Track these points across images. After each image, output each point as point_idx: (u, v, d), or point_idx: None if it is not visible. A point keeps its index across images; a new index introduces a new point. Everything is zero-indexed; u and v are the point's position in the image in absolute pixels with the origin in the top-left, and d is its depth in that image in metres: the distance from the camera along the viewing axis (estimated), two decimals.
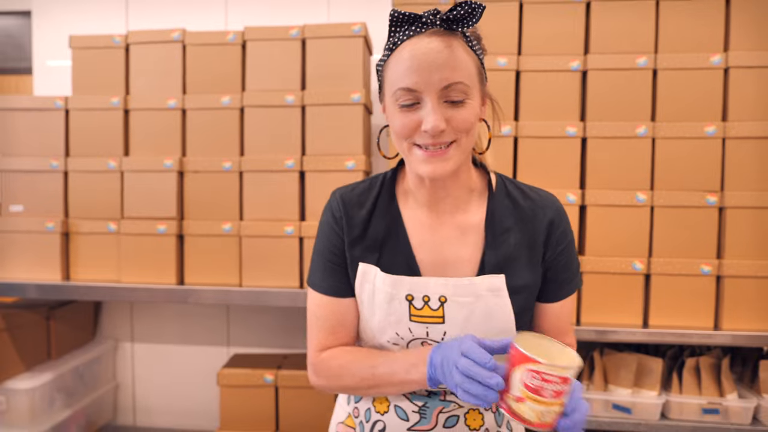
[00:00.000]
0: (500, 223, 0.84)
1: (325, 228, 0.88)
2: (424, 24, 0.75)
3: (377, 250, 0.84)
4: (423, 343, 0.83)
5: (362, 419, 0.90)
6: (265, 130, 1.74)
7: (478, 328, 0.81)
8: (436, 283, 0.81)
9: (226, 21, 2.16)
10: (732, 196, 1.58)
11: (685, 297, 1.61)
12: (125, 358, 2.31)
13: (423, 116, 0.74)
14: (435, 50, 0.73)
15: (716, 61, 1.59)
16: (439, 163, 0.76)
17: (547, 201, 0.86)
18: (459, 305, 0.80)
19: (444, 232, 0.85)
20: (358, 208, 0.86)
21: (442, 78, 0.73)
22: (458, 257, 0.84)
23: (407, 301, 0.81)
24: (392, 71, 0.76)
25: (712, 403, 1.63)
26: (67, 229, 1.81)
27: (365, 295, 0.84)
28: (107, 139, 1.81)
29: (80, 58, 1.83)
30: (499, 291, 0.80)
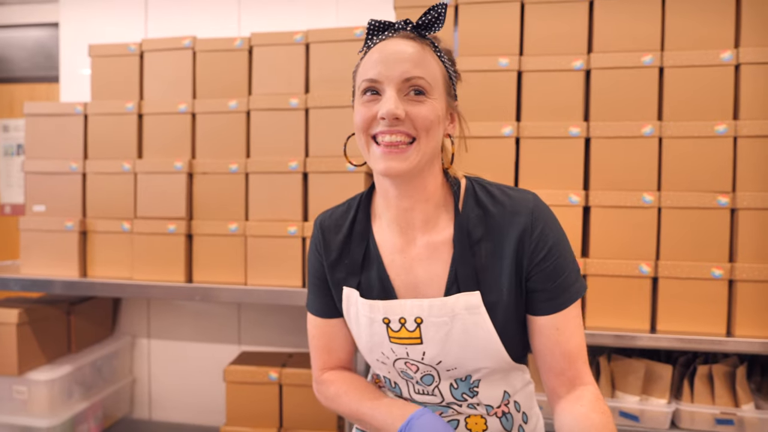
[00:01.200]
0: (469, 236, 0.80)
1: (310, 255, 0.92)
2: (396, 30, 0.78)
3: (358, 275, 0.85)
4: (406, 363, 0.83)
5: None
6: (270, 132, 1.79)
7: (458, 348, 0.79)
8: (411, 305, 0.80)
9: (239, 26, 2.22)
10: (744, 196, 1.52)
11: (695, 301, 1.55)
12: (142, 354, 2.39)
13: (381, 105, 0.75)
14: (401, 48, 0.76)
15: (727, 58, 1.54)
16: (397, 160, 0.75)
17: (519, 205, 0.80)
18: (435, 326, 0.79)
19: (414, 252, 0.83)
20: (335, 233, 0.88)
21: (403, 71, 0.74)
22: (429, 277, 0.82)
23: (384, 324, 0.82)
24: (361, 68, 0.79)
25: (726, 413, 1.56)
26: (84, 228, 1.90)
27: (351, 317, 0.86)
28: (122, 142, 1.89)
29: (99, 65, 1.92)
30: (475, 308, 0.78)
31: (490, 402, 0.84)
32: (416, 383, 0.85)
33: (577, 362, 0.79)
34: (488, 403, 0.84)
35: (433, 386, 0.84)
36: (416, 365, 0.83)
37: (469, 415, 0.84)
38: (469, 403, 0.84)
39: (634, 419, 1.61)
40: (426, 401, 0.85)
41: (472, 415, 0.84)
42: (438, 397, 0.84)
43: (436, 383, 0.84)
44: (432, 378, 0.84)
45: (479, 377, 0.82)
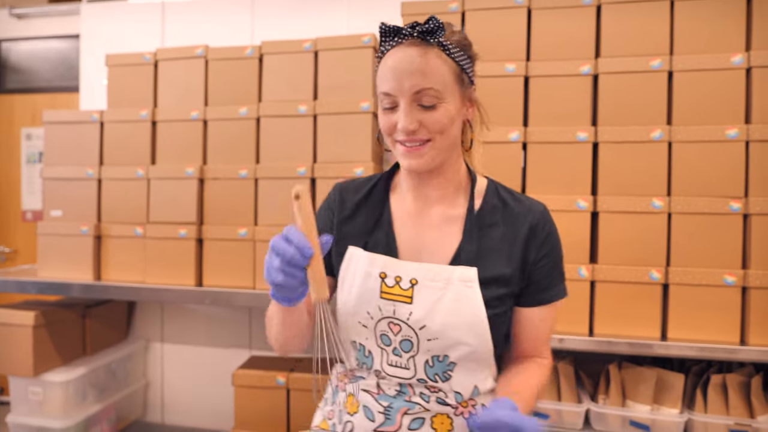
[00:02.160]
0: (485, 218, 0.89)
1: (319, 211, 0.98)
2: (404, 35, 0.83)
3: (366, 236, 0.91)
4: (389, 323, 0.86)
5: (336, 421, 0.92)
6: (280, 138, 1.82)
7: (444, 315, 0.83)
8: (410, 266, 0.86)
9: (252, 34, 2.27)
10: (757, 202, 1.49)
11: (707, 309, 1.52)
12: (155, 358, 2.43)
13: (398, 118, 0.84)
14: (408, 59, 0.82)
15: (737, 61, 1.52)
16: (415, 158, 0.85)
17: (535, 204, 0.92)
18: (429, 289, 0.84)
19: (427, 220, 0.91)
20: (353, 193, 0.95)
21: (412, 84, 0.82)
22: (436, 245, 0.89)
23: (380, 279, 0.86)
24: (378, 77, 0.87)
25: (741, 425, 1.52)
26: (99, 233, 1.94)
27: (348, 275, 0.89)
28: (136, 149, 1.94)
29: (115, 74, 1.98)
30: (470, 282, 0.84)
31: (461, 390, 0.86)
32: (393, 351, 0.86)
33: (543, 346, 0.94)
34: (458, 391, 0.86)
35: (410, 356, 0.85)
36: (399, 325, 0.85)
37: (435, 413, 0.85)
38: (438, 397, 0.85)
39: (645, 429, 1.58)
40: (398, 374, 0.86)
41: (439, 413, 0.85)
42: (411, 370, 0.85)
43: (413, 353, 0.85)
44: (411, 345, 0.85)
45: (456, 359, 0.84)
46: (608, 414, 1.61)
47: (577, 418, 1.63)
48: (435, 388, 0.86)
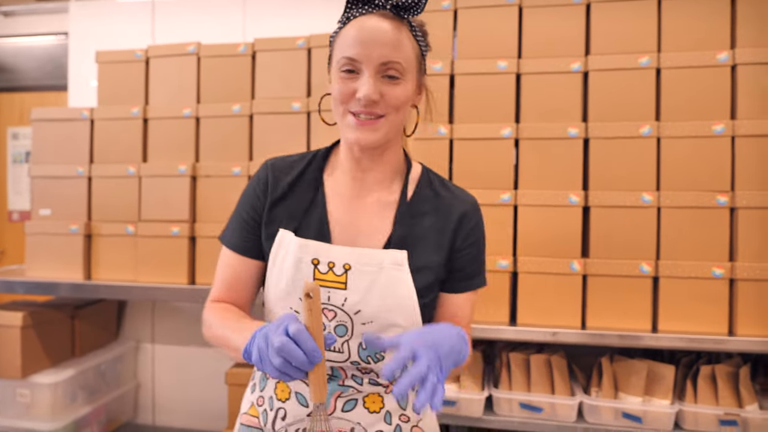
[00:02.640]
0: (416, 206, 0.89)
1: (248, 190, 0.93)
2: (376, 6, 0.82)
3: (298, 219, 0.88)
4: (324, 310, 0.85)
5: (266, 407, 0.91)
6: (273, 135, 1.82)
7: (378, 299, 0.83)
8: (342, 251, 0.85)
9: (244, 31, 2.26)
10: (743, 195, 1.53)
11: (696, 301, 1.55)
12: (146, 359, 2.40)
13: (359, 85, 0.80)
14: (381, 29, 0.81)
15: (723, 59, 1.56)
16: (368, 132, 0.82)
17: (465, 195, 0.92)
18: (362, 274, 0.84)
19: (361, 205, 0.90)
20: (285, 173, 0.91)
21: (381, 54, 0.80)
22: (370, 229, 0.88)
23: (313, 265, 0.84)
24: (340, 41, 0.83)
25: (730, 414, 1.55)
26: (89, 231, 1.92)
27: (278, 260, 0.86)
28: (127, 146, 1.92)
29: (105, 71, 1.96)
30: (401, 266, 0.84)
31: None
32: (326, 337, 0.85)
33: None
34: None
35: (344, 340, 0.85)
36: (334, 311, 0.84)
37: (367, 393, 0.87)
38: (371, 378, 0.87)
39: (637, 420, 1.60)
40: (332, 358, 0.85)
41: (371, 393, 0.87)
42: (345, 354, 0.85)
43: (347, 337, 0.85)
44: (345, 329, 0.85)
45: None
46: (601, 406, 1.63)
47: (571, 411, 1.64)
48: (367, 369, 0.87)
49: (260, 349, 0.70)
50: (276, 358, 0.67)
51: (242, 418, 0.96)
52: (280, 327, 0.69)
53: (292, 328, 0.67)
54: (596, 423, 1.62)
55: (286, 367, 0.67)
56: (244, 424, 0.95)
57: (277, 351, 0.66)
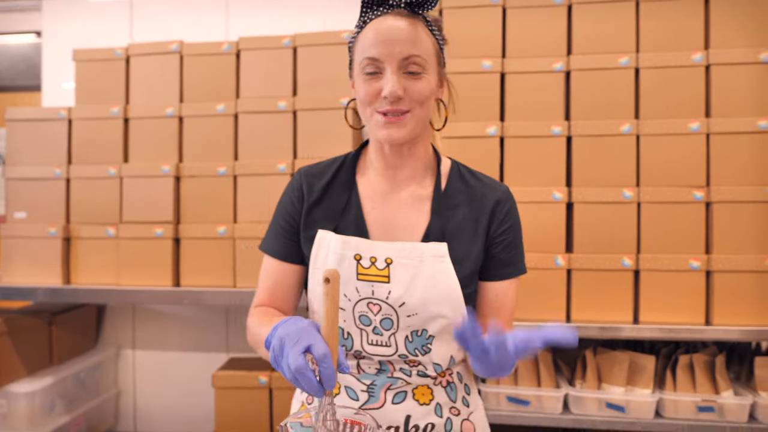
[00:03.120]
0: (450, 199, 0.91)
1: (283, 199, 0.96)
2: (390, 6, 0.85)
3: (336, 220, 0.90)
4: (368, 303, 0.86)
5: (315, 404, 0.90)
6: (259, 135, 1.80)
7: (422, 291, 0.85)
8: (383, 246, 0.87)
9: (227, 30, 2.24)
10: (718, 190, 1.59)
11: (675, 293, 1.61)
12: (127, 365, 2.34)
13: (383, 84, 0.83)
14: (398, 27, 0.83)
15: (698, 59, 1.62)
16: (395, 128, 0.84)
17: (498, 185, 0.95)
18: (404, 267, 0.85)
19: (396, 200, 0.92)
20: (319, 178, 0.94)
21: (402, 50, 0.82)
22: (407, 224, 0.90)
23: (355, 261, 0.86)
24: (360, 45, 0.86)
25: (707, 401, 1.61)
26: (68, 234, 1.87)
27: (319, 260, 0.89)
28: (107, 147, 1.88)
29: (83, 70, 1.92)
30: (442, 257, 0.86)
31: (440, 361, 0.89)
32: (373, 330, 0.87)
33: (505, 323, 0.93)
34: (437, 362, 0.88)
35: (390, 333, 0.86)
36: (379, 305, 0.86)
37: (416, 385, 0.88)
38: (419, 370, 0.88)
39: (620, 410, 1.65)
40: (380, 352, 0.87)
41: (420, 385, 0.88)
42: (393, 347, 0.86)
43: (393, 330, 0.86)
44: (391, 323, 0.86)
45: (434, 332, 0.87)
46: (585, 397, 1.67)
47: (557, 403, 1.68)
48: (415, 362, 0.88)
49: (275, 351, 0.70)
50: (288, 374, 0.68)
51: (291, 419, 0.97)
52: (299, 342, 0.68)
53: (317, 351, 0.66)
54: (581, 414, 1.67)
55: (296, 384, 0.68)
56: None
57: (293, 373, 0.66)
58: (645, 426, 1.61)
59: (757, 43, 1.61)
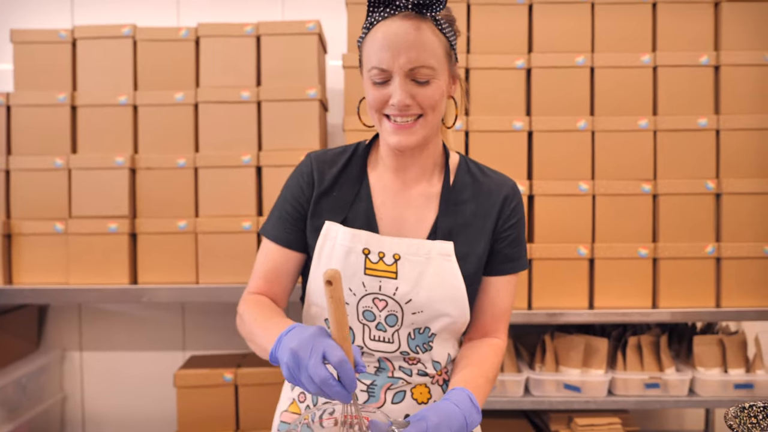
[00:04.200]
0: (458, 195, 0.91)
1: (291, 182, 0.93)
2: (397, 7, 0.81)
3: (345, 211, 0.89)
4: (374, 299, 0.86)
5: (309, 403, 0.91)
6: (221, 126, 1.74)
7: (428, 289, 0.85)
8: (391, 242, 0.87)
9: (178, 18, 2.14)
10: (664, 184, 1.72)
11: (625, 279, 1.73)
12: (73, 368, 2.21)
13: (391, 92, 0.82)
14: (404, 33, 0.80)
15: (646, 60, 1.73)
16: (405, 135, 0.84)
17: (505, 180, 0.95)
18: (411, 264, 0.86)
19: (406, 196, 0.91)
20: (330, 166, 0.92)
21: (408, 59, 0.80)
22: (417, 220, 0.90)
23: (363, 255, 0.86)
24: (367, 49, 0.84)
25: (653, 378, 1.74)
26: (9, 231, 1.73)
27: (325, 251, 0.87)
28: (53, 136, 1.75)
29: (23, 53, 1.77)
30: (448, 256, 0.87)
31: (439, 359, 0.90)
32: (376, 326, 0.87)
33: (501, 322, 0.95)
34: (437, 360, 0.90)
35: (393, 330, 0.87)
36: (385, 301, 0.86)
37: (415, 384, 0.89)
38: (419, 369, 0.89)
39: (576, 390, 1.76)
40: (381, 348, 0.87)
41: (418, 384, 0.89)
42: (395, 344, 0.87)
43: (397, 327, 0.87)
44: (395, 319, 0.87)
45: (436, 330, 0.88)
46: (545, 380, 1.76)
47: (518, 387, 1.76)
48: (414, 360, 0.89)
49: (290, 367, 0.69)
50: (312, 387, 0.67)
51: (282, 416, 0.95)
52: (314, 352, 0.67)
53: (333, 358, 0.67)
54: (541, 395, 1.76)
55: (321, 395, 0.67)
56: (286, 422, 0.94)
57: (319, 385, 0.66)
58: (599, 404, 1.73)
59: (698, 47, 1.74)
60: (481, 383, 0.84)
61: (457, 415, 0.74)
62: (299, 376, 0.68)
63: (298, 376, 0.68)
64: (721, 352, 1.78)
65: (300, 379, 0.68)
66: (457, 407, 0.75)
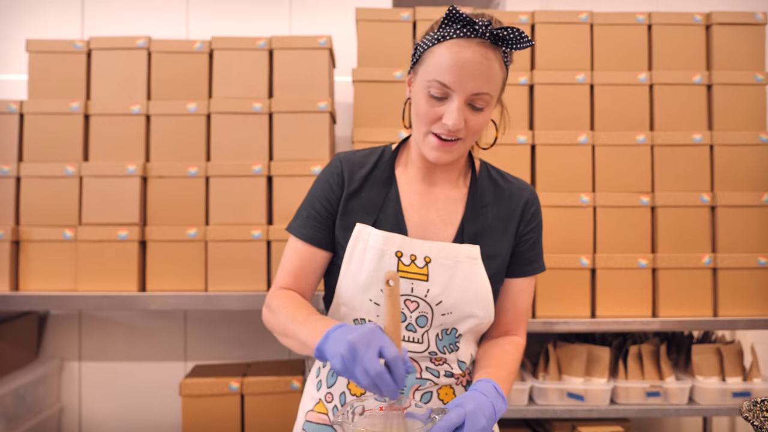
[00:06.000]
0: (481, 199, 0.95)
1: (321, 181, 0.95)
2: (475, 31, 0.82)
3: (375, 214, 0.92)
4: (406, 300, 0.89)
5: (336, 403, 0.93)
6: (232, 136, 1.77)
7: (459, 291, 0.89)
8: (422, 245, 0.90)
9: (187, 30, 2.19)
10: (662, 196, 1.78)
11: (626, 289, 1.77)
12: (72, 379, 2.19)
13: (446, 111, 0.84)
14: (477, 61, 0.82)
15: (642, 78, 1.81)
16: (445, 152, 0.87)
17: (524, 185, 1.00)
18: (442, 267, 0.89)
19: (431, 199, 0.95)
20: (359, 167, 0.95)
21: (475, 86, 0.82)
22: (443, 223, 0.93)
23: (396, 257, 0.88)
24: (434, 60, 0.84)
25: (654, 386, 1.78)
26: (17, 237, 1.73)
27: (356, 253, 0.90)
28: (65, 144, 1.77)
29: (37, 62, 1.79)
30: (475, 259, 0.90)
31: (464, 359, 0.94)
32: (407, 327, 0.90)
33: (521, 322, 0.99)
34: (463, 360, 0.93)
35: (423, 331, 0.90)
36: (417, 302, 0.89)
37: (441, 386, 0.92)
38: (445, 369, 0.92)
39: (579, 399, 1.78)
40: (411, 349, 0.90)
41: (444, 386, 0.92)
42: (425, 344, 0.90)
43: (426, 328, 0.90)
44: (426, 320, 0.90)
45: (463, 331, 0.91)
46: (548, 388, 1.79)
47: (523, 395, 1.78)
48: (440, 360, 0.91)
49: (345, 359, 0.71)
50: (365, 380, 0.69)
51: (308, 416, 0.96)
52: (371, 346, 0.70)
53: (389, 354, 0.70)
54: (545, 404, 1.78)
55: (372, 389, 0.70)
56: (312, 421, 0.95)
57: (373, 378, 0.69)
58: (602, 412, 1.76)
59: (692, 67, 1.83)
60: (504, 376, 0.87)
61: (486, 404, 0.77)
62: (354, 368, 0.70)
63: (353, 367, 0.70)
64: (719, 361, 1.82)
65: (354, 370, 0.70)
66: (485, 396, 0.79)
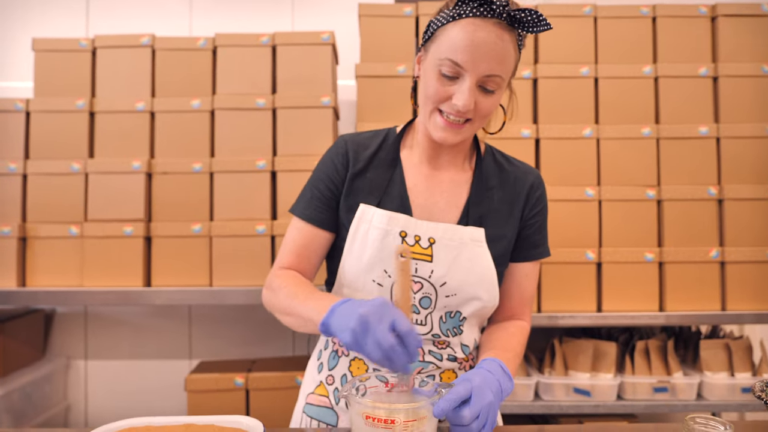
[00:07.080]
0: (486, 182, 0.95)
1: (326, 161, 0.95)
2: (492, 11, 0.79)
3: (379, 194, 0.91)
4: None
5: (338, 386, 0.92)
6: (236, 132, 1.78)
7: (463, 272, 0.88)
8: (427, 226, 0.89)
9: (191, 26, 2.20)
10: (668, 189, 1.77)
11: (632, 283, 1.76)
12: (78, 377, 2.20)
13: (457, 91, 0.82)
14: (492, 41, 0.79)
15: (647, 71, 1.80)
16: (452, 133, 0.86)
17: (530, 170, 1.00)
18: (446, 248, 0.88)
19: (436, 181, 0.94)
20: (364, 148, 0.95)
21: (488, 67, 0.81)
22: (448, 205, 0.93)
23: (400, 237, 0.88)
24: (448, 38, 0.82)
25: (662, 382, 1.76)
26: (24, 234, 1.74)
27: (360, 233, 0.89)
28: (71, 141, 1.78)
29: (43, 60, 1.81)
30: (480, 242, 0.90)
31: (468, 343, 0.93)
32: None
33: (526, 306, 0.99)
34: (466, 344, 0.93)
35: (427, 312, 0.89)
36: (421, 283, 0.88)
37: (444, 370, 0.91)
38: (448, 353, 0.91)
39: (586, 394, 1.77)
40: None
41: (446, 369, 0.91)
42: (428, 326, 0.89)
43: (430, 310, 0.89)
44: (429, 301, 0.89)
45: (467, 314, 0.91)
46: (554, 384, 1.77)
47: (528, 391, 1.77)
48: (444, 344, 0.91)
49: (356, 333, 0.69)
50: (377, 353, 0.68)
51: (309, 398, 0.96)
52: (383, 320, 0.69)
53: (402, 327, 0.69)
54: (551, 400, 1.77)
55: (383, 362, 0.69)
56: (312, 404, 0.95)
57: (386, 351, 0.67)
58: (608, 408, 1.74)
59: (697, 59, 1.82)
60: (510, 357, 0.87)
61: (493, 380, 0.77)
62: (365, 341, 0.69)
63: (364, 340, 0.69)
64: (728, 357, 1.80)
65: (365, 344, 0.69)
66: (491, 373, 0.78)
